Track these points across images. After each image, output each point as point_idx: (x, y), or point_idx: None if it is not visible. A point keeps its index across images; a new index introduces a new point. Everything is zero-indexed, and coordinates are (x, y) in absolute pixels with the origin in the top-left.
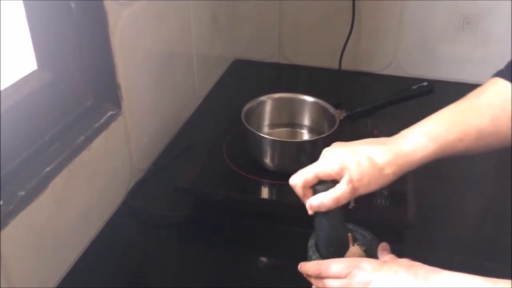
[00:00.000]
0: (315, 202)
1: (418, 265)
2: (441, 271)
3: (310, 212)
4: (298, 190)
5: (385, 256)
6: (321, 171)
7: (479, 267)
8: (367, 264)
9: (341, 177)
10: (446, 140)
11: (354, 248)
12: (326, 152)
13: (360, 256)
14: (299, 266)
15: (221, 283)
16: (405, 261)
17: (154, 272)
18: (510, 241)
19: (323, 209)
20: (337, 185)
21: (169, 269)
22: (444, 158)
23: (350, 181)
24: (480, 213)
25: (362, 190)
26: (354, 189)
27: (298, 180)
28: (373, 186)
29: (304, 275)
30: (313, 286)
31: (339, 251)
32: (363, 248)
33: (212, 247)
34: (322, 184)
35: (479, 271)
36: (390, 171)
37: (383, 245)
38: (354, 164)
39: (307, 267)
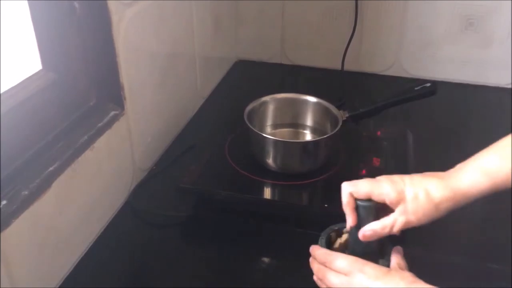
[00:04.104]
0: (368, 232)
1: (420, 284)
2: None
3: (362, 239)
4: (344, 196)
5: (396, 259)
6: (377, 193)
7: (479, 268)
8: (371, 269)
9: (396, 206)
10: (498, 176)
11: None
12: (385, 178)
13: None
14: (311, 248)
15: (223, 283)
16: (408, 276)
17: (156, 271)
18: (510, 241)
19: (375, 238)
20: (391, 214)
21: (172, 269)
22: (498, 192)
23: (405, 212)
24: (480, 213)
25: (415, 223)
26: (407, 220)
27: (350, 188)
28: (426, 219)
29: (310, 260)
30: (314, 276)
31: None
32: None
33: (214, 247)
34: (366, 201)
35: (479, 271)
36: (445, 207)
37: (398, 248)
38: (411, 196)
39: (317, 253)
